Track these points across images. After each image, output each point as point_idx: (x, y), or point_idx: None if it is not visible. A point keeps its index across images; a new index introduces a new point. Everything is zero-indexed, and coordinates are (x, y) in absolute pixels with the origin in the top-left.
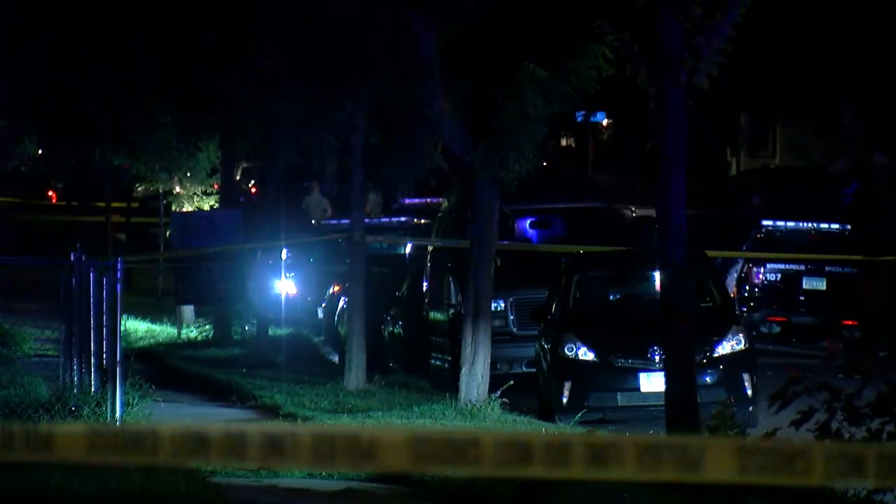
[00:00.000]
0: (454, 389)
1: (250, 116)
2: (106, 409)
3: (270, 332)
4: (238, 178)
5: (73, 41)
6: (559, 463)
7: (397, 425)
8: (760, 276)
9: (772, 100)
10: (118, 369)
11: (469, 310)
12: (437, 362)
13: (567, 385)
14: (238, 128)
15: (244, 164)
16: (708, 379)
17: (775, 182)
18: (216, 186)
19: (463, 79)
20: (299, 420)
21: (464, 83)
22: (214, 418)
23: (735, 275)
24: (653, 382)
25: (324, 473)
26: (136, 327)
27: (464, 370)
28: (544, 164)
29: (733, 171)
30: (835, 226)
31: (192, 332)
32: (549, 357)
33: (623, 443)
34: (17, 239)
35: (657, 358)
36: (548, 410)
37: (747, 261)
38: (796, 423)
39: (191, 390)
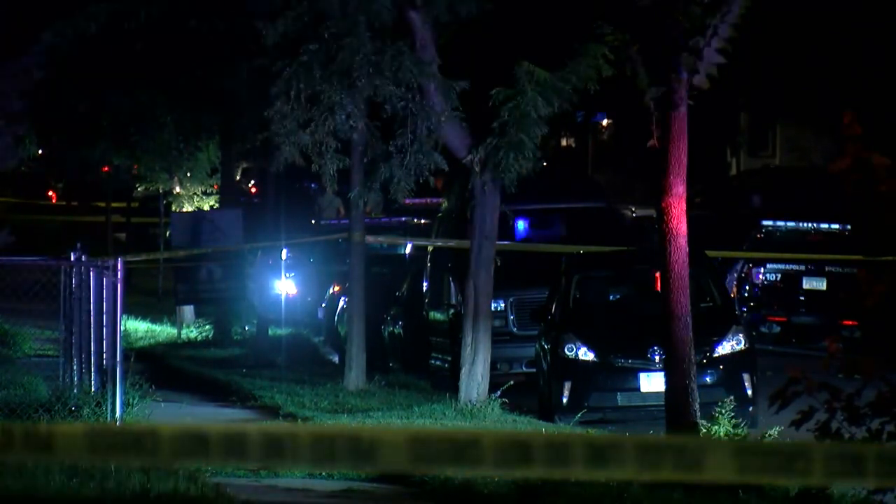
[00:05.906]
0: (454, 389)
1: (250, 116)
2: (106, 409)
3: (270, 332)
4: (238, 178)
5: (73, 41)
6: (559, 463)
7: (397, 425)
8: (760, 276)
9: (772, 100)
10: (118, 369)
11: (469, 310)
12: (437, 362)
13: (567, 385)
14: (238, 128)
15: (244, 164)
16: (708, 379)
17: (775, 182)
18: (216, 186)
19: (462, 78)
20: (299, 420)
21: (463, 83)
22: (214, 418)
23: (735, 275)
24: (653, 382)
25: (324, 473)
26: (136, 327)
27: (464, 370)
28: (544, 164)
29: (733, 171)
30: (835, 226)
31: (192, 332)
32: (549, 357)
33: (623, 443)
34: (17, 239)
35: (657, 358)
36: (548, 410)
37: (747, 261)
38: (796, 423)
39: (191, 390)
